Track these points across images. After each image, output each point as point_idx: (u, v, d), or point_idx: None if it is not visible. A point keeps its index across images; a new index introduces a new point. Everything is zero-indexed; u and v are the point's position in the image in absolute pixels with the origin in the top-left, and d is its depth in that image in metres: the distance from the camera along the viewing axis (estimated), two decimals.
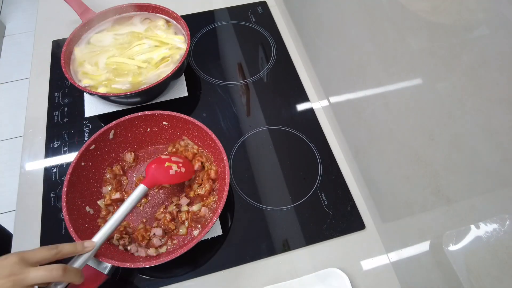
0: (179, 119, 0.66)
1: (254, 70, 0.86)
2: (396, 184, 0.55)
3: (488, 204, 0.38)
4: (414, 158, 0.48)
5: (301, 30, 0.84)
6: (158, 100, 0.79)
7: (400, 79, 0.49)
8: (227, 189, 0.57)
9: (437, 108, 0.42)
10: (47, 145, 0.73)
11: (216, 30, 0.94)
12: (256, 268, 0.61)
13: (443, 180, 0.44)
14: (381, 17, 0.49)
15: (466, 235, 0.42)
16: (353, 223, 0.65)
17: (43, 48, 0.88)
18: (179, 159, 0.64)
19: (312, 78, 0.82)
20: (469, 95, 0.37)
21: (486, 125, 0.35)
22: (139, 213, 0.63)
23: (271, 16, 0.96)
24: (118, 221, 0.54)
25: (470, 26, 0.35)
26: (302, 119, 0.78)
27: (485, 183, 0.38)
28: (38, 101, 0.79)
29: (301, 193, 0.68)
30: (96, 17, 0.82)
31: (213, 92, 0.82)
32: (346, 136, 0.70)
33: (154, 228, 0.60)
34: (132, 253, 0.58)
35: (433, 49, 0.40)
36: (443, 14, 0.39)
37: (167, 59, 0.78)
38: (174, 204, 0.63)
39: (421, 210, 0.50)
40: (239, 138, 0.74)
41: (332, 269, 0.58)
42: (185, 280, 0.59)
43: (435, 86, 0.42)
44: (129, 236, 0.60)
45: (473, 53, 0.35)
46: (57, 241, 0.46)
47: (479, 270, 0.40)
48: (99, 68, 0.77)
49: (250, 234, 0.64)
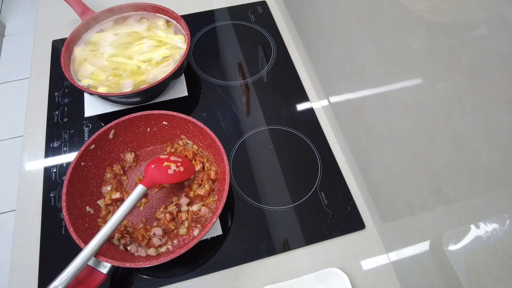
0: (179, 119, 0.66)
1: (254, 70, 0.86)
2: (396, 184, 0.55)
3: (488, 204, 0.38)
4: (414, 158, 0.48)
5: (301, 30, 0.84)
6: (158, 100, 0.79)
7: (400, 79, 0.49)
8: (227, 189, 0.57)
9: (437, 108, 0.42)
10: (47, 145, 0.73)
11: (216, 30, 0.94)
12: (256, 268, 0.61)
13: (443, 180, 0.44)
14: (381, 17, 0.49)
15: (466, 235, 0.42)
16: (353, 223, 0.65)
17: (43, 48, 0.88)
18: (177, 158, 0.64)
19: (312, 78, 0.82)
20: (469, 95, 0.37)
21: (486, 125, 0.35)
22: (139, 213, 0.63)
23: (271, 16, 0.96)
24: (117, 222, 0.54)
25: (470, 26, 0.35)
26: (302, 119, 0.78)
27: (485, 183, 0.38)
28: (38, 101, 0.79)
29: (301, 193, 0.68)
30: (96, 17, 0.82)
31: (213, 92, 0.82)
32: (346, 136, 0.70)
33: (154, 228, 0.60)
34: (132, 253, 0.58)
35: (433, 49, 0.40)
36: (443, 14, 0.39)
37: (167, 59, 0.78)
38: (174, 204, 0.63)
39: (421, 210, 0.50)
40: (239, 138, 0.74)
41: (332, 269, 0.58)
42: (185, 280, 0.59)
43: (435, 86, 0.42)
44: (129, 235, 0.60)
45: (473, 53, 0.35)
46: (57, 241, 0.46)
47: (479, 270, 0.40)
48: (99, 68, 0.77)
49: (250, 234, 0.64)
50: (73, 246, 0.53)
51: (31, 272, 0.60)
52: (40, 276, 0.59)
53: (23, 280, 0.59)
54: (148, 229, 0.60)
